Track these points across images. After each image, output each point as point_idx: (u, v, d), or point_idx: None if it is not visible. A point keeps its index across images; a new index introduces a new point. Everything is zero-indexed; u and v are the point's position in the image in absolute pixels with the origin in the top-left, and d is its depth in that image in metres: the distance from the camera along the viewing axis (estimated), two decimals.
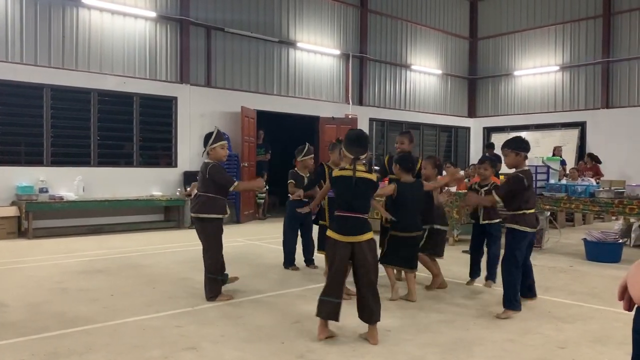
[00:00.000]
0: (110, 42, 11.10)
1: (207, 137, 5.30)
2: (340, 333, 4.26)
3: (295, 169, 6.92)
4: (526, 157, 5.01)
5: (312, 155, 6.86)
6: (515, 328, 4.48)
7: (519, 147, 4.96)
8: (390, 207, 5.42)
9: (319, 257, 6.65)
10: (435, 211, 5.88)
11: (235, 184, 5.29)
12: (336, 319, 4.10)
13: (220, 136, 5.29)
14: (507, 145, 5.01)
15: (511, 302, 4.80)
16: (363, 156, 4.17)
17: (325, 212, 5.92)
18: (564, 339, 4.22)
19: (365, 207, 4.15)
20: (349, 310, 4.81)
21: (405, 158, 5.45)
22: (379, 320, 4.11)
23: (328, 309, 4.06)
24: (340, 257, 4.07)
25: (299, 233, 7.05)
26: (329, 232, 4.17)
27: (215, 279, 5.28)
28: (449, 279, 6.10)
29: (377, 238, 4.62)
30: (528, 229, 4.84)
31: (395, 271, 5.61)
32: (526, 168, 4.97)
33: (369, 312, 4.08)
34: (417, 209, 5.39)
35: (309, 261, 7.07)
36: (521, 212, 4.83)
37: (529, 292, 5.23)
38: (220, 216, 5.25)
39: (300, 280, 6.30)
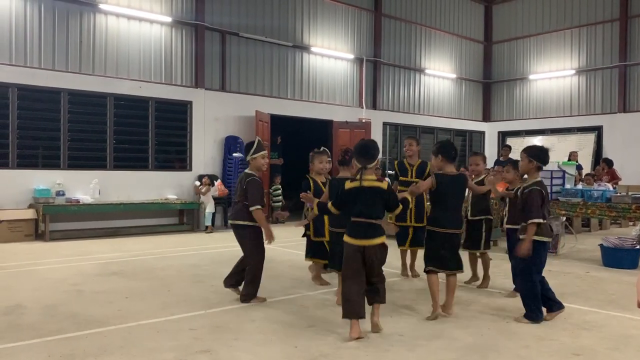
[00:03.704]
0: (126, 47, 11.22)
1: (249, 146, 5.45)
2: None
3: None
4: (539, 168, 4.92)
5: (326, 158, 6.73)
6: (530, 334, 4.44)
7: (533, 155, 4.90)
8: (430, 202, 5.22)
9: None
10: (489, 203, 6.09)
11: (257, 207, 5.21)
12: (362, 316, 4.26)
13: (261, 146, 5.43)
14: (525, 149, 5.04)
15: (533, 313, 4.73)
16: (371, 165, 4.38)
17: (311, 225, 5.87)
18: (580, 346, 4.17)
19: (376, 213, 4.35)
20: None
21: (446, 145, 5.05)
22: (383, 302, 4.45)
23: (351, 309, 4.24)
24: (353, 259, 4.31)
25: None
26: (345, 237, 4.39)
27: (253, 282, 5.35)
28: (462, 284, 6.06)
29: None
30: (545, 239, 4.80)
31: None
32: (539, 179, 4.89)
33: (373, 294, 4.41)
34: (459, 205, 5.08)
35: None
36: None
37: (555, 304, 4.91)
38: (255, 224, 5.30)
39: (313, 284, 6.29)
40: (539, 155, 4.92)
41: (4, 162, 9.87)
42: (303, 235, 6.26)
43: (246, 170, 5.46)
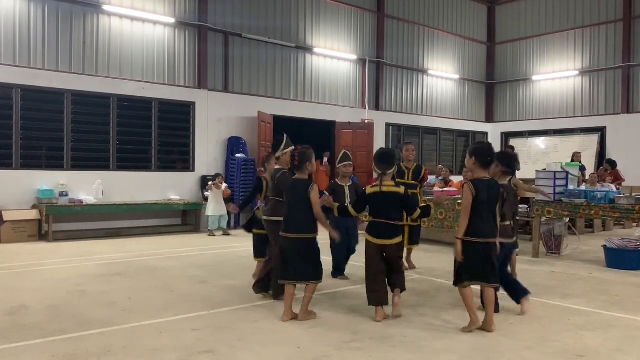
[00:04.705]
0: (129, 48, 11.25)
1: (278, 142, 5.65)
2: (355, 339, 4.26)
3: (336, 179, 6.81)
4: (506, 173, 5.05)
5: (348, 163, 6.66)
6: (533, 336, 4.43)
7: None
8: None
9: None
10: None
11: None
12: (386, 303, 4.83)
13: (290, 143, 5.59)
14: (498, 152, 4.83)
15: (517, 293, 5.03)
16: (389, 171, 4.87)
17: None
18: (583, 347, 4.15)
19: (394, 215, 4.88)
20: (365, 315, 4.81)
21: (483, 149, 4.59)
22: (404, 289, 4.96)
23: (376, 298, 4.82)
24: (375, 257, 4.86)
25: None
26: (366, 236, 4.88)
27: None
28: None
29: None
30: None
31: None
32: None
33: (394, 282, 4.92)
34: (492, 212, 4.56)
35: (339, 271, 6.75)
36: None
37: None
38: None
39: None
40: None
41: (8, 162, 9.91)
42: (249, 231, 6.25)
43: (276, 167, 5.64)
